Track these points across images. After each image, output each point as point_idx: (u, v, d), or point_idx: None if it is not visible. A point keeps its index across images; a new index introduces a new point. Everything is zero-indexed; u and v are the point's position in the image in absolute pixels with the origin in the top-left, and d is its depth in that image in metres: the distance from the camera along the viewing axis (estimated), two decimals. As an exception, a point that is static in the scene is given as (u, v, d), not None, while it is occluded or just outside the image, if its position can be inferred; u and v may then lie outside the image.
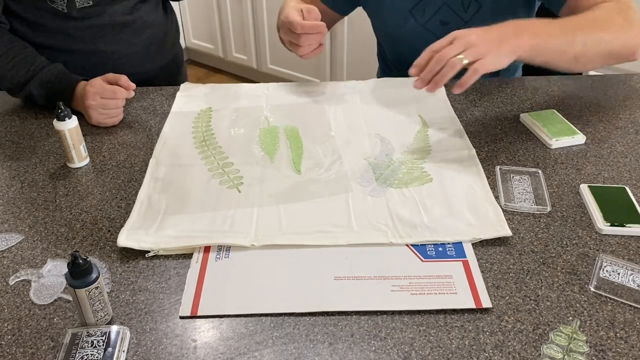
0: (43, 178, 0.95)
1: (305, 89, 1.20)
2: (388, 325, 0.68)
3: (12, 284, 0.75)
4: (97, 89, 1.06)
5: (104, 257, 0.79)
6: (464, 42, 0.88)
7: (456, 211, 0.84)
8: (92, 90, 1.05)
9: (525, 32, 0.91)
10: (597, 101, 1.14)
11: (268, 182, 0.92)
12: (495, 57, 0.88)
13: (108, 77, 1.08)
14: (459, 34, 0.90)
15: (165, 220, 0.84)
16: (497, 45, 0.89)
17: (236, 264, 0.77)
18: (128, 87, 1.07)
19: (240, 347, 0.66)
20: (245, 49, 3.03)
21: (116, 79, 1.08)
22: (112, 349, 0.64)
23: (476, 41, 0.88)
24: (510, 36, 0.90)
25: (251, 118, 1.10)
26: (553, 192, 0.89)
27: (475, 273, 0.75)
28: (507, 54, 0.89)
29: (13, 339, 0.68)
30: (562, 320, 0.68)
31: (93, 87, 1.06)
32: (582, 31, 0.95)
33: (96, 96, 1.05)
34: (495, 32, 0.91)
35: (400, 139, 1.02)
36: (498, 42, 0.89)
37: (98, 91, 1.05)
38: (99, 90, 1.05)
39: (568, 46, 0.94)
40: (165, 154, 0.99)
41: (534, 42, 0.91)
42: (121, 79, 1.07)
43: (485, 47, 0.88)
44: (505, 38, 0.90)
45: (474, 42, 0.88)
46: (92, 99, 1.05)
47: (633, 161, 0.96)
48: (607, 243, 0.80)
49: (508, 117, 1.09)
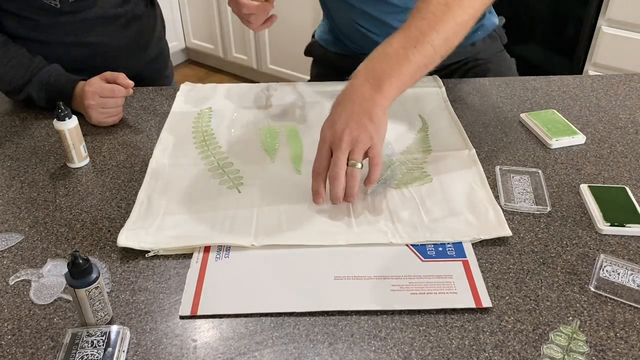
0: (43, 178, 0.95)
1: (305, 89, 1.20)
2: (388, 325, 0.68)
3: (12, 284, 0.75)
4: (96, 89, 1.05)
5: (104, 257, 0.79)
6: (342, 146, 0.79)
7: (456, 211, 0.84)
8: (90, 89, 1.05)
9: (381, 81, 0.81)
10: (597, 101, 1.14)
11: (268, 182, 0.92)
12: (377, 133, 0.80)
13: (106, 76, 1.08)
14: (327, 138, 0.81)
15: (165, 220, 0.84)
16: (369, 120, 0.79)
17: (236, 264, 0.77)
18: (127, 85, 1.07)
19: (240, 347, 0.66)
20: (245, 49, 3.04)
21: (114, 77, 1.08)
22: (112, 349, 0.64)
23: (350, 134, 0.79)
24: (370, 97, 0.81)
25: (251, 118, 1.10)
26: (553, 192, 0.89)
27: (475, 273, 0.75)
28: (381, 118, 0.81)
29: (13, 339, 0.68)
30: (562, 320, 0.68)
31: (92, 86, 1.06)
32: (430, 27, 0.84)
33: (95, 95, 1.05)
34: (355, 105, 0.80)
35: (400, 139, 1.02)
36: (367, 116, 0.79)
37: (97, 90, 1.05)
38: (98, 89, 1.05)
39: (428, 54, 0.84)
40: (165, 154, 0.99)
41: (396, 84, 0.82)
42: (119, 77, 1.07)
43: (362, 132, 0.79)
44: (368, 106, 0.80)
45: (351, 138, 0.79)
46: (91, 98, 1.05)
47: (633, 161, 0.96)
48: (607, 243, 0.80)
49: (508, 117, 1.09)
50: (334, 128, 0.81)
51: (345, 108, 0.81)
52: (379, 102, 0.81)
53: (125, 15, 1.24)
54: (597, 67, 2.19)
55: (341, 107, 0.82)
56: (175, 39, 3.26)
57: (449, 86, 1.19)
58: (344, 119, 0.80)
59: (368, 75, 0.83)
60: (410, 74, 0.84)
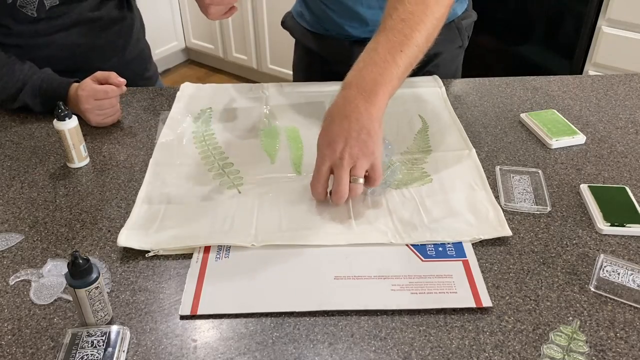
0: (43, 178, 0.95)
1: (306, 89, 1.20)
2: (388, 325, 0.68)
3: (12, 284, 0.75)
4: (89, 92, 1.05)
5: (104, 257, 0.79)
6: (344, 164, 0.78)
7: (456, 211, 0.84)
8: (84, 94, 1.05)
9: (374, 92, 0.81)
10: (597, 101, 1.14)
11: (268, 182, 0.92)
12: (377, 147, 0.80)
13: (97, 77, 1.08)
14: (327, 157, 0.79)
15: (165, 220, 0.84)
16: (368, 135, 0.79)
17: (236, 264, 0.77)
18: (119, 83, 1.07)
19: (240, 347, 0.66)
20: (245, 49, 3.04)
21: (105, 77, 1.07)
22: (112, 349, 0.64)
23: (350, 153, 0.78)
24: (365, 110, 0.80)
25: (251, 118, 1.10)
26: (553, 192, 0.89)
27: (476, 273, 0.75)
28: (378, 131, 0.80)
29: (13, 339, 0.68)
30: (562, 320, 0.68)
31: (84, 90, 1.06)
32: (412, 29, 0.84)
33: (89, 99, 1.05)
34: (351, 122, 0.79)
35: (400, 139, 1.02)
36: (366, 132, 0.78)
37: (90, 94, 1.05)
38: (91, 92, 1.05)
39: (414, 54, 0.84)
40: (165, 154, 0.99)
41: (387, 91, 0.82)
42: (110, 76, 1.07)
43: (362, 149, 0.79)
44: (365, 121, 0.79)
45: (352, 156, 0.78)
46: (86, 102, 1.05)
47: (633, 161, 0.96)
48: (607, 243, 0.80)
49: (508, 117, 1.09)
50: (332, 147, 0.79)
51: (342, 125, 0.79)
52: (374, 114, 0.80)
53: (102, 19, 1.23)
54: (597, 67, 2.19)
55: (337, 124, 0.80)
56: (175, 39, 3.27)
57: (449, 86, 1.19)
58: (342, 137, 0.79)
59: (359, 87, 0.81)
60: (399, 78, 0.84)
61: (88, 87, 1.06)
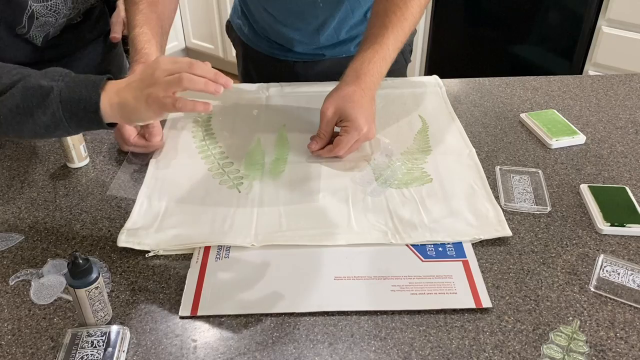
0: (43, 178, 0.95)
1: (306, 89, 1.19)
2: (388, 325, 0.68)
3: (12, 284, 0.75)
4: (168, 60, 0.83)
5: (104, 257, 0.79)
6: (370, 137, 0.95)
7: (456, 211, 0.84)
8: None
9: (372, 91, 0.95)
10: (597, 101, 1.14)
11: (268, 182, 0.92)
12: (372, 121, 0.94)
13: None
14: (363, 128, 0.92)
15: (165, 220, 0.84)
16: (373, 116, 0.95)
17: (236, 264, 0.77)
18: None
19: (240, 347, 0.66)
20: (245, 49, 3.03)
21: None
22: (112, 349, 0.64)
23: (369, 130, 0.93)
24: (370, 104, 0.94)
25: (251, 118, 1.10)
26: (553, 192, 0.89)
27: (475, 273, 0.75)
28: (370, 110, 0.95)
29: (13, 339, 0.68)
30: (562, 320, 0.68)
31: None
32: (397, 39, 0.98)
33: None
34: (370, 110, 0.94)
35: (400, 139, 1.02)
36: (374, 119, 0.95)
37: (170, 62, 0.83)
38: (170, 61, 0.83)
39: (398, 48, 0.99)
40: (165, 154, 0.99)
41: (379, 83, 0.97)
42: None
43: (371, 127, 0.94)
44: (372, 111, 0.95)
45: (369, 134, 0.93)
46: None
47: (633, 161, 0.96)
48: (607, 243, 0.80)
49: (508, 117, 1.09)
50: (370, 125, 0.93)
51: (372, 107, 0.95)
52: (373, 107, 0.96)
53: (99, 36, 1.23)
54: (597, 67, 2.19)
55: (365, 109, 0.93)
56: (176, 39, 3.27)
57: (449, 86, 1.19)
58: (373, 118, 0.94)
59: (365, 89, 0.94)
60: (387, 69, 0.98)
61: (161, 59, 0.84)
